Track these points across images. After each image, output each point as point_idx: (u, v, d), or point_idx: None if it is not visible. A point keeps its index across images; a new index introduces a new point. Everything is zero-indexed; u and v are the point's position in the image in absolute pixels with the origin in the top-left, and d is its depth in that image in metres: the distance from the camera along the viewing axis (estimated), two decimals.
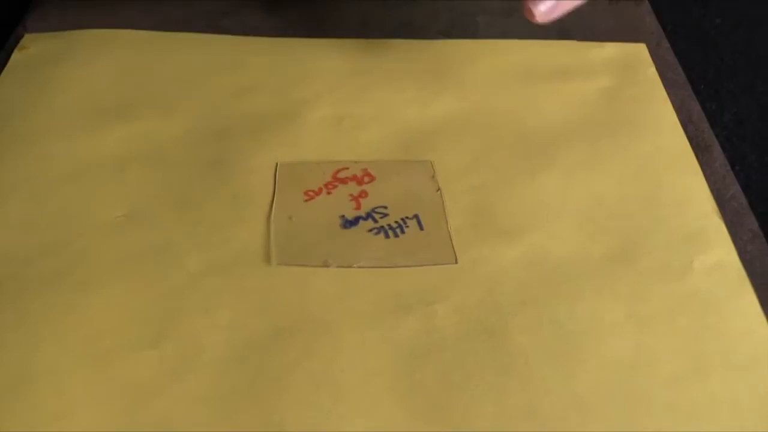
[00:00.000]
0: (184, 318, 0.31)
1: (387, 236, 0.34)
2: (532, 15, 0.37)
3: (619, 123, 0.40)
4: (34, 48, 0.41)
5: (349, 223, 0.35)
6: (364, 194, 0.36)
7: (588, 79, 0.43)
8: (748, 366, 0.30)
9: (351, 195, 0.36)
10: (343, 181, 0.37)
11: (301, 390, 0.29)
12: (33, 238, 0.34)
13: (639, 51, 0.45)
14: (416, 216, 0.35)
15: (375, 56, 0.44)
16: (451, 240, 0.34)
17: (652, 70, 0.44)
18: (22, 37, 0.44)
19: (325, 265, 0.33)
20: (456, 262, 0.33)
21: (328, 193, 0.36)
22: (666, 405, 0.28)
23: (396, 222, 0.35)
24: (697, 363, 0.30)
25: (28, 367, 0.29)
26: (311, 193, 0.36)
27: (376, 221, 0.35)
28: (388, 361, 0.30)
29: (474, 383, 0.29)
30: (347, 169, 0.37)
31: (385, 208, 0.36)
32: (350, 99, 0.41)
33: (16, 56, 0.43)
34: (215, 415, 0.28)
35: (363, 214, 0.35)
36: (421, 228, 0.35)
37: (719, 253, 0.34)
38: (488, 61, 0.44)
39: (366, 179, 0.37)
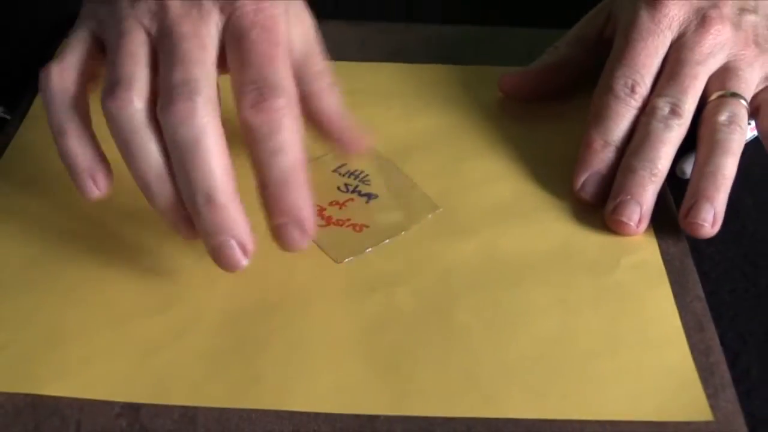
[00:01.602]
0: (187, 291, 0.38)
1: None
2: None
3: None
4: None
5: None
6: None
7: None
8: (655, 346, 0.35)
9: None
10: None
11: (279, 351, 0.35)
12: (68, 223, 0.41)
13: None
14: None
15: (370, 77, 0.51)
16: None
17: None
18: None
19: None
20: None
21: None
22: (580, 373, 0.34)
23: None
24: (611, 341, 0.35)
25: (59, 325, 0.36)
26: None
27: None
28: (352, 331, 0.36)
29: (422, 349, 0.35)
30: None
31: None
32: None
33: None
34: (208, 368, 0.35)
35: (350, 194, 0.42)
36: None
37: (644, 254, 0.39)
38: (469, 85, 0.50)
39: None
